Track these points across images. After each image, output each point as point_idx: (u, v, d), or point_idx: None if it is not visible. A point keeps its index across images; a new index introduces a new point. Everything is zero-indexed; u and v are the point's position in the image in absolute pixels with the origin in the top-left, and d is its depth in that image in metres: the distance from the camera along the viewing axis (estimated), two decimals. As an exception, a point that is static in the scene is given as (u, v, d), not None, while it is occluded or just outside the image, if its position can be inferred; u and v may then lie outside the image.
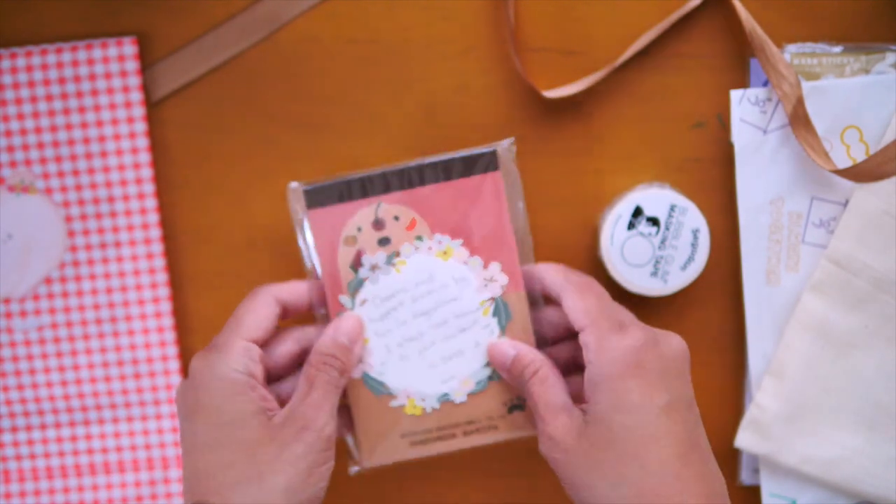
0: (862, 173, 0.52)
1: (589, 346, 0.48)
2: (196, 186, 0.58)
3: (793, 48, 0.55)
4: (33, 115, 0.57)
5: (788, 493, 0.57)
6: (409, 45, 0.57)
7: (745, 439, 0.56)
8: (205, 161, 0.58)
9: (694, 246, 0.54)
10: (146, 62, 0.57)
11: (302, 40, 0.57)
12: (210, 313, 0.59)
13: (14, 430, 0.59)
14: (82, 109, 0.57)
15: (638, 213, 0.54)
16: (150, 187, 0.57)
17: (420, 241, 0.54)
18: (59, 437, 0.59)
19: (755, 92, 0.55)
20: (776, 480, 0.57)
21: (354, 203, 0.53)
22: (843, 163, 0.55)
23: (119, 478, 0.59)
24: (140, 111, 0.57)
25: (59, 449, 0.59)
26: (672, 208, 0.54)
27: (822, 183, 0.56)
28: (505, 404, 0.54)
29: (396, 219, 0.54)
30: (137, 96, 0.57)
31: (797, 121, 0.54)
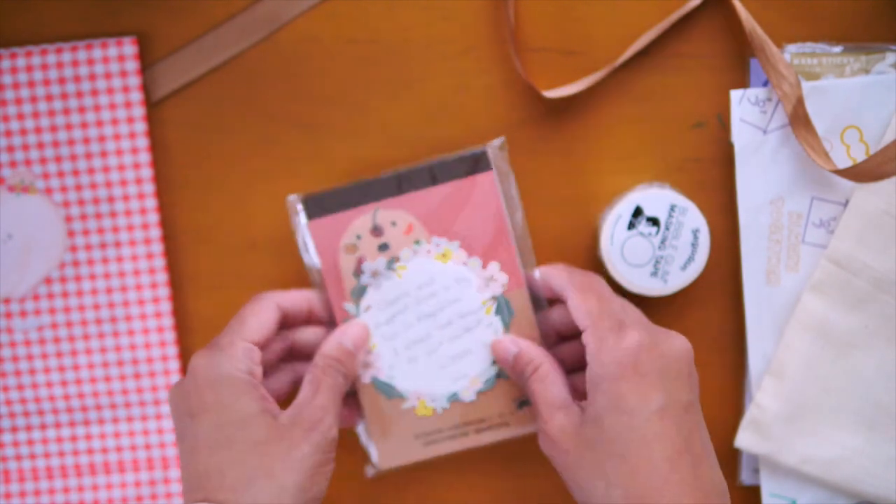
0: (862, 173, 0.52)
1: (589, 347, 0.48)
2: (196, 186, 0.58)
3: (793, 48, 0.55)
4: (33, 115, 0.57)
5: (788, 493, 0.57)
6: (409, 45, 0.57)
7: (745, 439, 0.56)
8: (205, 161, 0.58)
9: (694, 246, 0.54)
10: (146, 62, 0.57)
11: (302, 40, 0.57)
12: (210, 313, 0.59)
13: (14, 430, 0.59)
14: (82, 109, 0.57)
15: (638, 213, 0.54)
16: (150, 187, 0.57)
17: (418, 244, 0.54)
18: (59, 437, 0.59)
19: (755, 92, 0.55)
20: (776, 480, 0.57)
21: (352, 211, 0.54)
22: (843, 163, 0.55)
23: (119, 478, 0.59)
24: (140, 111, 0.57)
25: (59, 449, 0.59)
26: (672, 208, 0.54)
27: (822, 183, 0.56)
28: (514, 401, 0.55)
29: (394, 224, 0.54)
30: (137, 96, 0.57)
31: (797, 121, 0.54)
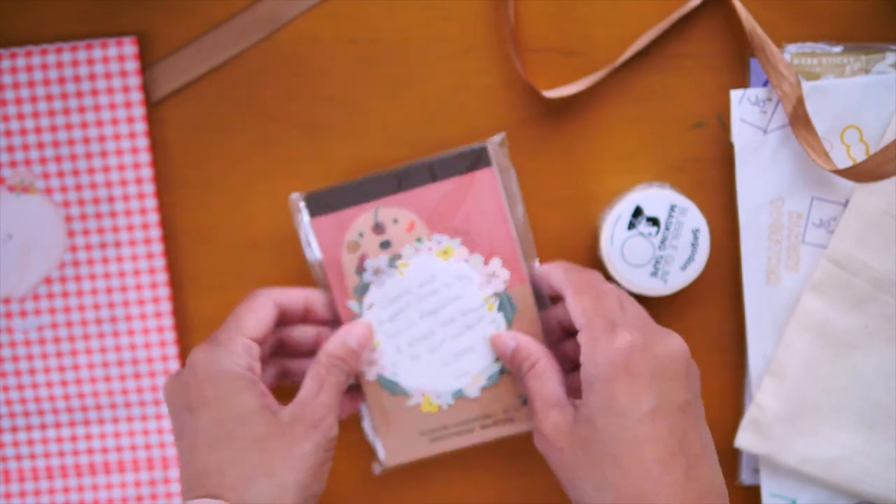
0: (862, 173, 0.52)
1: (583, 347, 0.48)
2: (196, 186, 0.58)
3: (793, 48, 0.55)
4: (33, 115, 0.57)
5: (788, 493, 0.57)
6: (409, 45, 0.57)
7: (745, 439, 0.56)
8: (205, 161, 0.58)
9: (694, 246, 0.54)
10: (146, 62, 0.57)
11: (302, 40, 0.57)
12: (210, 313, 0.59)
13: (14, 430, 0.59)
14: (82, 109, 0.57)
15: (638, 213, 0.54)
16: (150, 187, 0.57)
17: (420, 242, 0.54)
18: (59, 437, 0.59)
19: (755, 92, 0.55)
20: (776, 480, 0.57)
21: (354, 209, 0.54)
22: (843, 163, 0.55)
23: (119, 478, 0.59)
24: (140, 111, 0.57)
25: (59, 449, 0.59)
26: (672, 208, 0.54)
27: (822, 183, 0.56)
28: (519, 397, 0.55)
29: (395, 221, 0.54)
30: (137, 96, 0.57)
31: (797, 121, 0.54)
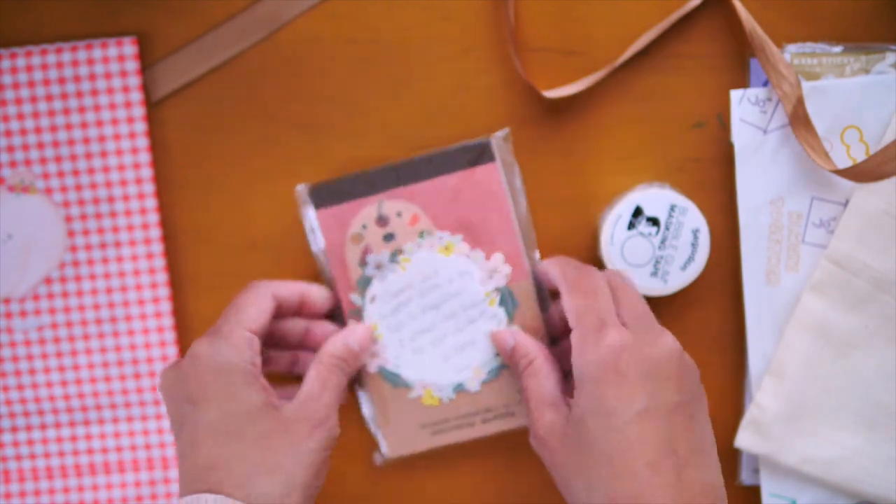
0: (862, 173, 0.52)
1: (574, 346, 0.48)
2: (196, 186, 0.58)
3: (793, 48, 0.55)
4: (33, 115, 0.57)
5: (788, 493, 0.57)
6: (409, 45, 0.57)
7: (745, 439, 0.56)
8: (205, 161, 0.58)
9: (694, 246, 0.54)
10: (146, 62, 0.57)
11: (302, 40, 0.57)
12: (210, 313, 0.59)
13: (14, 430, 0.59)
14: (82, 109, 0.57)
15: (638, 213, 0.54)
16: (150, 187, 0.57)
17: (422, 237, 0.54)
18: (59, 437, 0.59)
19: (755, 92, 0.55)
20: (776, 480, 0.57)
21: (359, 201, 0.54)
22: (843, 163, 0.55)
23: (119, 478, 0.59)
24: (140, 111, 0.57)
25: (59, 449, 0.59)
26: (672, 208, 0.54)
27: (822, 183, 0.56)
28: (519, 391, 0.55)
29: (399, 215, 0.54)
30: (137, 96, 0.56)
31: (797, 121, 0.54)
